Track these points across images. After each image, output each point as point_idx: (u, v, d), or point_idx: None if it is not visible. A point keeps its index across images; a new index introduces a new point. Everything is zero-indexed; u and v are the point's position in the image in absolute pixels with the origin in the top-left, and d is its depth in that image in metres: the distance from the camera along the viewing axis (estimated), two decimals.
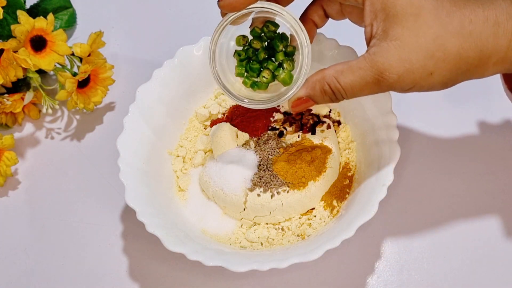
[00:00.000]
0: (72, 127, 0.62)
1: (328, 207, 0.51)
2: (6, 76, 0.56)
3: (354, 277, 0.51)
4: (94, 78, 0.59)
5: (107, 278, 0.53)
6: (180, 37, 0.67)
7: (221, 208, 0.52)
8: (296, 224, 0.51)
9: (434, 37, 0.39)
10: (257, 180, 0.50)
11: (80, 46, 0.57)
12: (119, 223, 0.55)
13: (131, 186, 0.48)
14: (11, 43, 0.55)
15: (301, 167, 0.50)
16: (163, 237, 0.45)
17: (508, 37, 0.39)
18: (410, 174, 0.55)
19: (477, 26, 0.39)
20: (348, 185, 0.52)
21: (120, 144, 0.50)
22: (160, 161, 0.54)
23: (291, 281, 0.51)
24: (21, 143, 0.61)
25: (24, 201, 0.58)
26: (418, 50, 0.39)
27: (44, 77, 0.64)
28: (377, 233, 0.52)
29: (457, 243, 0.51)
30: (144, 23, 0.69)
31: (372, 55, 0.40)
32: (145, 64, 0.65)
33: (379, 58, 0.39)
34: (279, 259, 0.44)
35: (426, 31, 0.39)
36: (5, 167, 0.57)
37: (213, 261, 0.44)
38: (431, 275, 0.50)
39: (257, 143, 0.52)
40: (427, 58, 0.39)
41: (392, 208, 0.53)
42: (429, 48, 0.39)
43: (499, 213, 0.53)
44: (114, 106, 0.63)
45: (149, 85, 0.54)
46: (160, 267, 0.52)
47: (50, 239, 0.55)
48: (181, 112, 0.56)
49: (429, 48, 0.39)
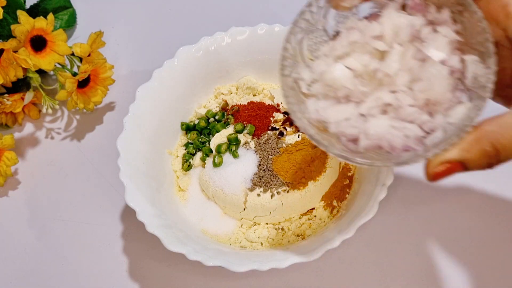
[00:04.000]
0: (72, 127, 0.62)
1: (328, 207, 0.51)
2: (6, 76, 0.56)
3: (354, 277, 0.51)
4: (94, 78, 0.59)
5: (107, 278, 0.53)
6: (180, 37, 0.67)
7: (221, 208, 0.52)
8: (296, 224, 0.51)
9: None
10: (257, 180, 0.50)
11: (80, 46, 0.57)
12: (119, 223, 0.55)
13: (131, 186, 0.48)
14: (11, 43, 0.55)
15: (301, 167, 0.50)
16: (163, 237, 0.45)
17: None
18: (410, 174, 0.55)
19: None
20: (348, 185, 0.52)
21: (120, 144, 0.50)
22: (160, 161, 0.54)
23: (291, 281, 0.51)
24: (21, 143, 0.61)
25: (24, 201, 0.58)
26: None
27: (44, 77, 0.64)
28: (377, 233, 0.52)
29: (457, 242, 0.51)
30: (144, 23, 0.69)
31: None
32: (145, 64, 0.65)
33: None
34: (279, 259, 0.44)
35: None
36: (5, 167, 0.57)
37: (213, 261, 0.44)
38: (431, 275, 0.50)
39: (257, 143, 0.52)
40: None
41: (392, 208, 0.53)
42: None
43: (499, 213, 0.53)
44: (114, 106, 0.63)
45: (149, 85, 0.54)
46: (160, 267, 0.52)
47: (50, 239, 0.55)
48: (181, 112, 0.56)
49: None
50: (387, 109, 0.36)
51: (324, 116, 0.37)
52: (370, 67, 0.36)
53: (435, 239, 0.52)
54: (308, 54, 0.39)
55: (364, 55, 0.36)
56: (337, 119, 0.37)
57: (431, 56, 0.34)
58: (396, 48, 0.35)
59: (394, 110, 0.36)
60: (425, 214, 0.53)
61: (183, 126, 0.56)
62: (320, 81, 0.38)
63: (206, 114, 0.56)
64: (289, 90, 0.37)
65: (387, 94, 0.35)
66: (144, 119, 0.53)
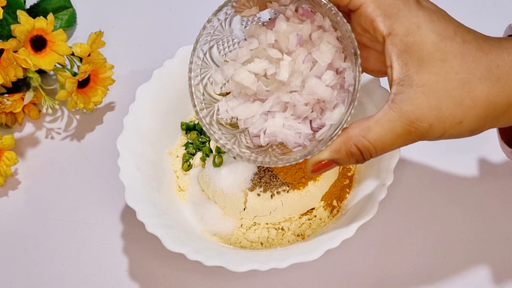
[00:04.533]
0: (72, 127, 0.62)
1: (328, 207, 0.51)
2: (6, 76, 0.56)
3: (354, 277, 0.51)
4: (94, 78, 0.59)
5: (107, 278, 0.53)
6: (180, 37, 0.67)
7: (221, 208, 0.52)
8: (296, 224, 0.51)
9: (462, 83, 0.37)
10: (257, 180, 0.50)
11: (80, 46, 0.57)
12: (119, 223, 0.55)
13: (131, 186, 0.48)
14: (11, 43, 0.55)
15: (301, 167, 0.50)
16: (163, 237, 0.45)
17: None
18: (410, 174, 0.55)
19: (504, 70, 0.37)
20: (348, 185, 0.52)
21: (120, 144, 0.50)
22: (160, 161, 0.54)
23: (291, 281, 0.51)
24: (21, 143, 0.61)
25: (24, 201, 0.58)
26: (447, 97, 0.37)
27: (44, 77, 0.64)
28: (377, 233, 0.52)
29: (458, 242, 0.51)
30: (144, 23, 0.69)
31: (400, 103, 0.37)
32: (145, 64, 0.65)
33: (408, 106, 0.37)
34: (279, 259, 0.44)
35: (454, 77, 0.37)
36: (5, 167, 0.56)
37: (213, 261, 0.44)
38: (431, 275, 0.50)
39: None
40: (456, 106, 0.37)
41: (392, 208, 0.53)
42: (457, 95, 0.37)
43: (499, 213, 0.52)
44: (114, 106, 0.63)
45: (149, 85, 0.54)
46: (160, 267, 0.52)
47: (50, 239, 0.55)
48: (181, 112, 0.56)
49: (457, 95, 0.37)
50: (287, 106, 0.42)
51: (234, 114, 0.44)
52: (269, 71, 0.42)
53: (435, 239, 0.52)
54: (221, 58, 0.45)
55: (264, 60, 0.42)
56: (244, 116, 0.43)
57: (318, 60, 0.40)
58: (286, 59, 0.41)
59: (293, 107, 0.42)
60: (425, 214, 0.53)
61: (183, 126, 0.56)
62: (231, 82, 0.43)
63: None
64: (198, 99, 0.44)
65: (285, 94, 0.42)
66: (144, 119, 0.53)
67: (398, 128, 0.38)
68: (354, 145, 0.39)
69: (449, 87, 0.37)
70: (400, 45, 0.37)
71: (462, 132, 0.38)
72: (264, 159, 0.42)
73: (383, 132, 0.38)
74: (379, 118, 0.38)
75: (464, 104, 0.37)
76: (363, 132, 0.38)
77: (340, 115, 0.41)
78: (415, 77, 0.37)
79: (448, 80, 0.37)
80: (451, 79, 0.37)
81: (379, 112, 0.38)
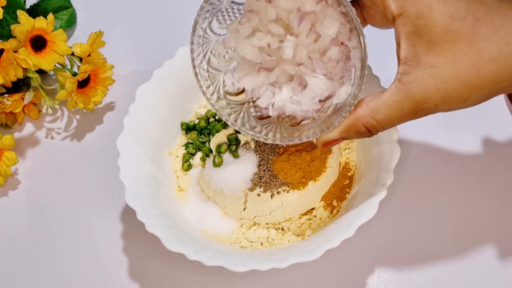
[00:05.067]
0: (72, 127, 0.62)
1: (328, 207, 0.51)
2: (6, 76, 0.56)
3: (354, 277, 0.51)
4: (94, 78, 0.59)
5: (107, 278, 0.53)
6: (180, 37, 0.66)
7: (221, 208, 0.52)
8: (296, 224, 0.51)
9: (470, 64, 0.37)
10: (257, 180, 0.50)
11: (80, 46, 0.57)
12: (119, 223, 0.55)
13: (131, 186, 0.48)
14: (11, 43, 0.55)
15: (301, 167, 0.50)
16: (163, 237, 0.45)
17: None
18: (410, 174, 0.55)
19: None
20: (348, 185, 0.52)
21: (120, 144, 0.50)
22: (160, 161, 0.54)
23: (291, 281, 0.51)
24: (21, 143, 0.61)
25: (24, 201, 0.58)
26: (454, 79, 0.38)
27: (44, 77, 0.64)
28: (377, 233, 0.52)
29: (458, 242, 0.51)
30: (144, 23, 0.69)
31: (407, 85, 0.38)
32: (145, 64, 0.65)
33: (415, 88, 0.38)
34: (279, 259, 0.44)
35: (462, 58, 0.37)
36: (5, 167, 0.57)
37: (213, 261, 0.44)
38: (431, 275, 0.50)
39: (257, 143, 0.52)
40: (463, 86, 0.38)
41: (392, 208, 0.53)
42: (465, 77, 0.38)
43: (499, 213, 0.53)
44: (114, 106, 0.63)
45: (149, 85, 0.54)
46: (160, 267, 0.52)
47: (50, 239, 0.55)
48: (181, 112, 0.56)
49: (465, 77, 0.38)
50: (294, 76, 0.43)
51: (240, 85, 0.44)
52: (272, 46, 0.42)
53: (435, 239, 0.52)
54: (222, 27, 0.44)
55: (267, 35, 0.42)
56: (251, 86, 0.44)
57: (322, 35, 0.41)
58: (289, 39, 0.41)
59: (299, 78, 0.43)
60: (425, 214, 0.53)
61: (183, 126, 0.56)
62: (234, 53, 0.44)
63: (206, 114, 0.56)
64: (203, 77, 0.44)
65: (290, 66, 0.42)
66: (144, 119, 0.53)
67: (405, 108, 0.39)
68: (363, 125, 0.41)
69: (457, 69, 0.38)
70: (410, 27, 0.38)
71: (466, 106, 0.40)
72: (276, 136, 0.44)
73: (390, 112, 0.40)
74: (387, 98, 0.39)
75: (471, 84, 0.38)
76: (372, 113, 0.40)
77: (347, 95, 0.42)
78: (423, 58, 0.38)
79: (457, 61, 0.38)
80: (459, 61, 0.38)
81: (386, 92, 0.39)
